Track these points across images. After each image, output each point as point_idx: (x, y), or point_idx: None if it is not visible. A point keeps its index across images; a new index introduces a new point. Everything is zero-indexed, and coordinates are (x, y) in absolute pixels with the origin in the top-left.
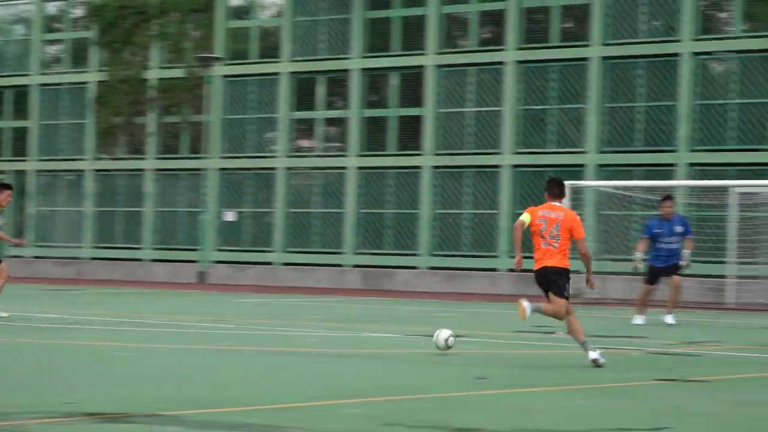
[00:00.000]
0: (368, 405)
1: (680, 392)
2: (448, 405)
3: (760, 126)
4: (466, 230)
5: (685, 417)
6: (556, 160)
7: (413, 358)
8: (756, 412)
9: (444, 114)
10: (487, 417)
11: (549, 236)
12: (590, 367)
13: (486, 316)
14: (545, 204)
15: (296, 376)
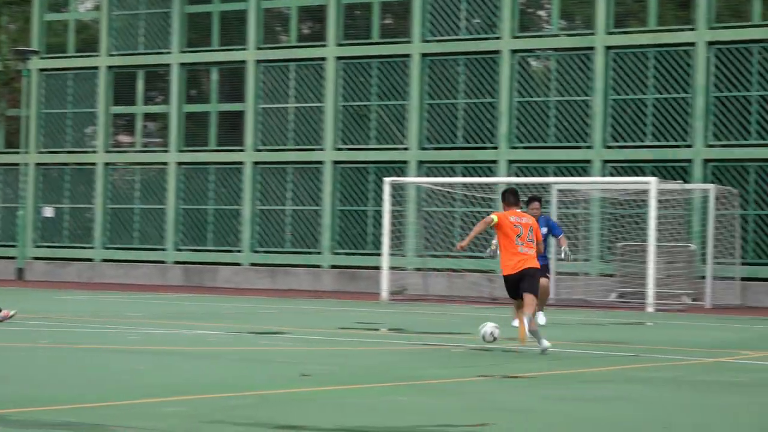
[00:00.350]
0: (190, 403)
1: (503, 388)
2: (271, 402)
3: (578, 123)
4: (288, 227)
5: (508, 413)
6: (378, 157)
7: (236, 356)
8: (577, 408)
9: (265, 110)
10: (310, 414)
11: (527, 239)
12: (413, 364)
13: (309, 312)
14: (509, 211)
15: (117, 373)
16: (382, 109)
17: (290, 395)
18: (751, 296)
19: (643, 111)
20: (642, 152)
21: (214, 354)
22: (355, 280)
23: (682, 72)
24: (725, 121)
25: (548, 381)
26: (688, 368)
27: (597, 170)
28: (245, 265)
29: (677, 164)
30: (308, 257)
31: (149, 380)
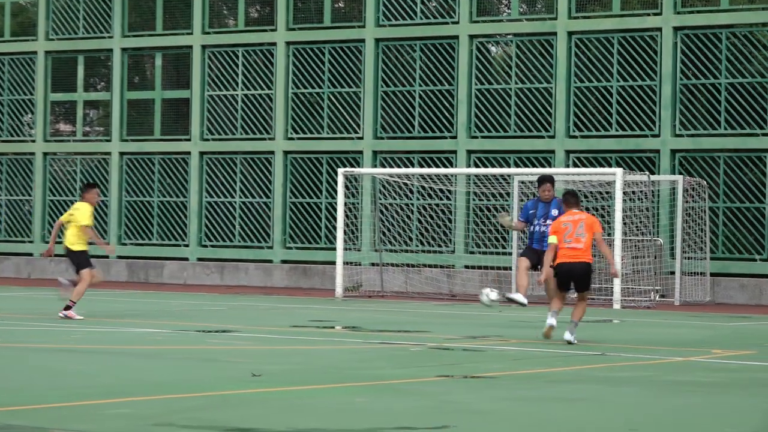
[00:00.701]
0: (137, 404)
1: (464, 389)
2: (221, 403)
3: (539, 112)
4: (237, 220)
5: (469, 414)
6: (331, 147)
7: (183, 355)
8: (540, 409)
9: (212, 97)
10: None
11: (575, 234)
12: (370, 364)
13: (260, 310)
14: (566, 213)
15: (59, 374)
16: (334, 97)
17: (240, 396)
18: (721, 292)
19: (607, 99)
20: (606, 142)
21: (160, 353)
22: (308, 275)
23: (648, 59)
24: (693, 110)
25: (511, 381)
26: (656, 368)
27: (560, 161)
28: (192, 260)
29: (643, 154)
30: (258, 252)
31: (92, 381)
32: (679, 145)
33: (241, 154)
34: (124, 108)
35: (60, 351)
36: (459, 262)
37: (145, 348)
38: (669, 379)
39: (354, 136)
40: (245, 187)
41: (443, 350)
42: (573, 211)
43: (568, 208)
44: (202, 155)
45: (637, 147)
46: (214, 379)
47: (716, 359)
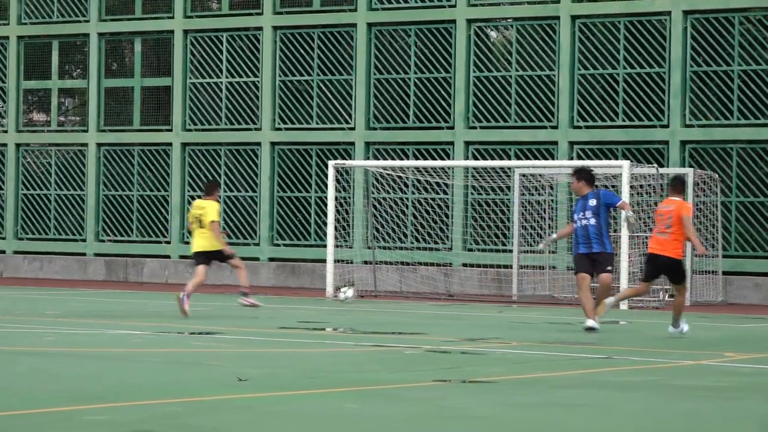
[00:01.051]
0: (115, 410)
1: (462, 394)
2: (205, 408)
3: (542, 101)
4: (222, 215)
5: (467, 421)
6: (320, 138)
7: (164, 358)
8: (542, 415)
9: (195, 85)
10: (248, 422)
11: (663, 225)
12: (362, 367)
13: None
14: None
15: (31, 378)
16: (324, 85)
17: (225, 401)
18: (734, 292)
19: (613, 87)
20: (613, 133)
21: (140, 356)
22: (297, 274)
23: (657, 44)
24: (704, 99)
25: (511, 386)
26: (665, 371)
27: (563, 153)
28: (174, 257)
29: (652, 146)
30: (245, 249)
31: (67, 385)
32: (690, 136)
33: (226, 145)
34: (102, 96)
35: (32, 354)
36: (456, 260)
37: (124, 351)
38: (679, 383)
39: (345, 126)
40: (230, 180)
41: (440, 353)
42: (670, 199)
43: (674, 195)
44: (184, 147)
45: (645, 138)
46: (197, 383)
47: (729, 362)
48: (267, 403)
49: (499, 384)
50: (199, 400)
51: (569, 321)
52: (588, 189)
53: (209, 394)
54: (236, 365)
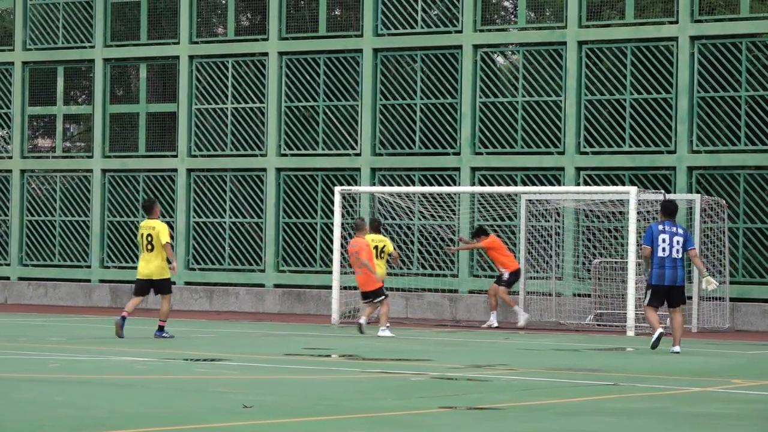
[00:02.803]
0: None
1: (468, 421)
2: None
3: (548, 127)
4: (227, 241)
5: None
6: (326, 163)
7: (169, 384)
8: None
9: (200, 111)
10: None
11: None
12: (368, 394)
13: (251, 337)
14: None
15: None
16: (330, 111)
17: (230, 429)
18: (741, 318)
19: (620, 113)
20: (619, 158)
21: (144, 383)
22: (303, 300)
23: (664, 70)
24: (711, 125)
25: (517, 413)
26: (672, 398)
27: (570, 178)
28: (179, 284)
29: (659, 172)
30: (250, 275)
31: (71, 412)
32: (697, 162)
33: (231, 171)
34: (107, 122)
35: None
36: (463, 287)
37: (128, 377)
38: (686, 410)
39: (351, 152)
40: (235, 206)
41: (446, 380)
42: None
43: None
44: (189, 173)
45: (652, 164)
46: (202, 410)
47: (736, 389)
48: (272, 430)
49: (506, 411)
50: (204, 427)
51: (575, 347)
52: None
53: (214, 421)
54: (241, 392)
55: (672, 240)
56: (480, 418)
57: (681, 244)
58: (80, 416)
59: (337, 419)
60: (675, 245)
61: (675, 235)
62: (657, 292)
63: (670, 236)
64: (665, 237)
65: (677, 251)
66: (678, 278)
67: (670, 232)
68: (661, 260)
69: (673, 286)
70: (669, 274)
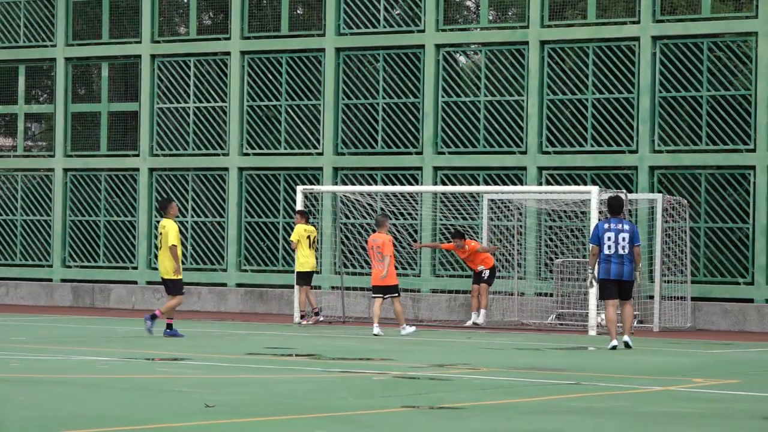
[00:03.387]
0: None
1: (430, 420)
2: None
3: (511, 127)
4: (189, 240)
5: None
6: (288, 163)
7: (131, 384)
8: None
9: (162, 110)
10: None
11: None
12: (330, 394)
13: (213, 336)
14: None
15: None
16: (293, 110)
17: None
18: (702, 318)
19: (582, 113)
20: (582, 158)
21: (106, 383)
22: (265, 300)
23: (626, 70)
24: (673, 125)
25: (479, 412)
26: (634, 397)
27: (532, 178)
28: (141, 283)
29: (620, 171)
30: (212, 275)
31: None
32: (659, 162)
33: (193, 170)
34: (69, 121)
35: None
36: (425, 286)
37: (89, 377)
38: (648, 410)
39: (313, 151)
40: (197, 205)
41: (408, 379)
42: None
43: None
44: (151, 172)
45: (614, 164)
46: (165, 410)
47: (698, 388)
48: (235, 430)
49: (467, 410)
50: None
51: (537, 347)
52: None
53: (176, 421)
54: (204, 392)
55: (617, 237)
56: (442, 417)
57: (627, 240)
58: (41, 417)
59: (300, 418)
60: (621, 242)
61: (621, 232)
62: (605, 285)
63: (615, 234)
64: (610, 235)
65: (623, 248)
66: (624, 273)
67: (616, 230)
68: (608, 257)
69: (619, 280)
70: (615, 268)
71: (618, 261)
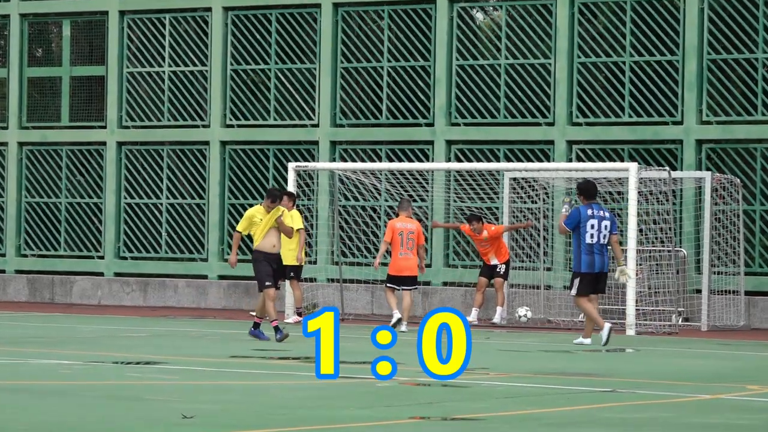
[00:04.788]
0: None
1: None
2: None
3: (536, 94)
4: (164, 225)
5: None
6: (278, 136)
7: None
8: None
9: (133, 75)
10: None
11: None
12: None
13: (192, 337)
14: None
15: None
16: (283, 75)
17: None
18: (758, 315)
19: (619, 78)
20: (618, 131)
21: (69, 390)
22: (252, 294)
23: (669, 28)
24: (724, 92)
25: (500, 424)
26: (678, 407)
27: (560, 154)
28: (108, 275)
29: (663, 146)
30: (190, 265)
31: None
32: (707, 135)
33: (169, 144)
34: (24, 88)
35: None
36: (437, 278)
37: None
38: (694, 421)
39: (308, 123)
40: (174, 185)
41: (418, 386)
42: None
43: None
44: (120, 146)
45: (655, 137)
46: (136, 421)
47: (752, 397)
48: None
49: (486, 422)
50: None
51: (567, 349)
52: None
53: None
54: (181, 400)
55: (600, 225)
56: (456, 429)
57: (608, 228)
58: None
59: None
60: (603, 230)
61: (603, 220)
62: (587, 279)
63: (598, 221)
64: (594, 222)
65: (604, 236)
66: (605, 265)
67: (599, 217)
68: (590, 247)
69: (601, 272)
70: (598, 260)
71: (599, 252)
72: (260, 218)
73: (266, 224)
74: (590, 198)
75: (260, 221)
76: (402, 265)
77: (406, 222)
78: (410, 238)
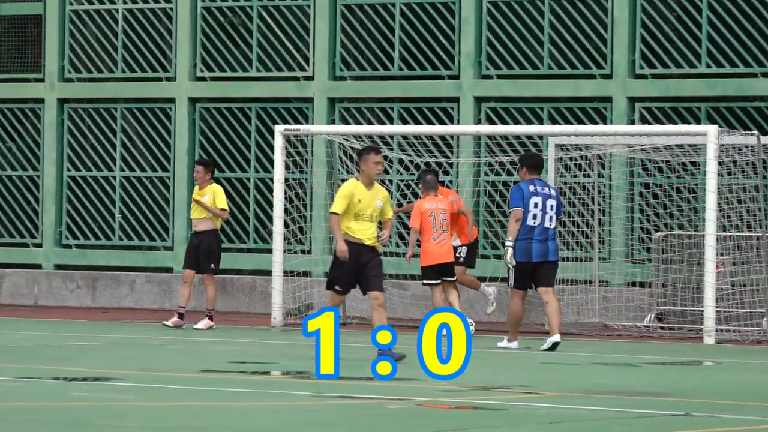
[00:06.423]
0: None
1: None
2: None
3: (588, 39)
4: (117, 205)
5: None
6: (263, 92)
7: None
8: None
9: (78, 14)
10: None
11: None
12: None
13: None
14: None
15: None
16: (269, 14)
17: None
18: None
19: (694, 18)
20: (692, 84)
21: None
22: (229, 291)
23: None
24: None
25: None
26: None
27: (620, 113)
28: (47, 268)
29: (749, 103)
30: (150, 255)
31: None
32: None
33: (124, 102)
34: None
35: None
36: None
37: None
38: None
39: (300, 75)
40: (130, 154)
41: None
42: None
43: None
44: (61, 104)
45: (739, 92)
46: None
47: None
48: None
49: None
50: None
51: (629, 361)
52: None
53: None
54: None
55: (545, 205)
56: None
57: (554, 209)
58: None
59: None
60: (549, 211)
61: (549, 198)
62: (523, 270)
63: (543, 199)
64: (537, 201)
65: (550, 218)
66: (550, 252)
67: (543, 194)
68: (530, 230)
69: (541, 262)
70: (537, 248)
71: (542, 237)
72: (359, 198)
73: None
74: (533, 171)
75: (359, 202)
76: (437, 252)
77: (436, 201)
78: (443, 219)
